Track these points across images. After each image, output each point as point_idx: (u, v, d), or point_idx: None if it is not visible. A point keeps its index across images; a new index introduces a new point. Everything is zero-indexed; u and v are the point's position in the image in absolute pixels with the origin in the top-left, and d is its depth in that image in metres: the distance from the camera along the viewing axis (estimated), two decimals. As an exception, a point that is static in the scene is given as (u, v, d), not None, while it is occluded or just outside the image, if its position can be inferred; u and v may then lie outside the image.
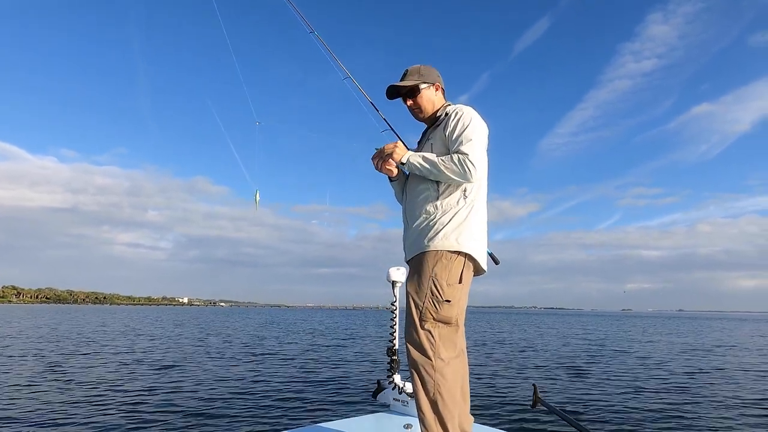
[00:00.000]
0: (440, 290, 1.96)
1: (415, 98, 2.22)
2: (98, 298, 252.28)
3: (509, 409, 6.61)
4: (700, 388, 8.60)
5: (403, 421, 2.62)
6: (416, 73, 2.22)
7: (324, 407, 6.66)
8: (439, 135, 2.12)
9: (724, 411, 6.73)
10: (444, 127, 2.10)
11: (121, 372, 9.63)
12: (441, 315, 1.96)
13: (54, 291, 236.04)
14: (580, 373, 10.24)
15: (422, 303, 1.97)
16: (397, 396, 2.84)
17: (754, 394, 8.17)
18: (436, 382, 1.91)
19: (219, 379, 9.02)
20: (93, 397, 7.04)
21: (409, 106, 2.25)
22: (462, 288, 2.00)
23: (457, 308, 1.99)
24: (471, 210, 2.04)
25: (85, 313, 60.54)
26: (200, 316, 55.95)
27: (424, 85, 2.20)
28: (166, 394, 7.42)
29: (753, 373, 10.91)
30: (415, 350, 1.96)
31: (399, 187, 2.31)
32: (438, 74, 2.27)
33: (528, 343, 19.32)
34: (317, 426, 2.67)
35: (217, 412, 6.32)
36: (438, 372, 1.91)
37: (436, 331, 1.96)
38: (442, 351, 1.94)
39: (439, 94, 2.25)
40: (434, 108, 2.23)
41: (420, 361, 1.94)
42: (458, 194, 2.04)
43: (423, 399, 1.92)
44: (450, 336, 1.98)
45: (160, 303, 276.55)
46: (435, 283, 1.96)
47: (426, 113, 2.23)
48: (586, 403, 7.11)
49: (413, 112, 2.26)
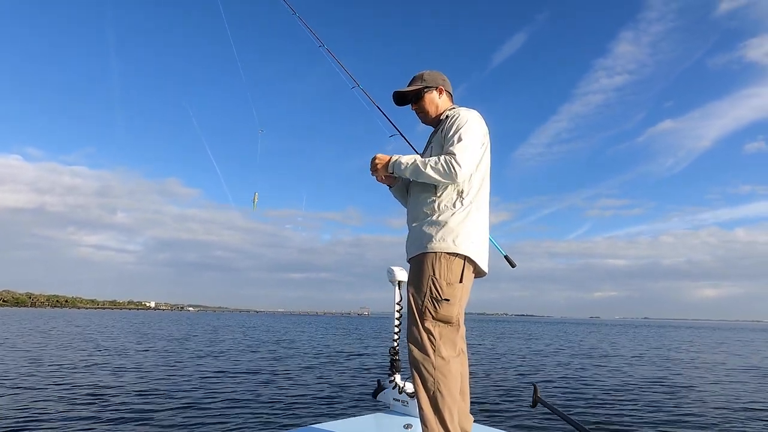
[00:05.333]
0: (440, 289, 1.98)
1: (419, 103, 2.30)
2: (59, 301, 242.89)
3: (509, 409, 6.68)
4: (698, 389, 8.86)
5: (403, 421, 2.63)
6: (420, 78, 2.31)
7: (324, 407, 6.64)
8: (437, 138, 2.18)
9: (724, 411, 6.94)
10: (442, 129, 2.16)
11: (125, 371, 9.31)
12: (441, 314, 1.98)
13: (12, 293, 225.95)
14: (580, 374, 10.42)
15: (422, 302, 2.00)
16: (397, 396, 2.84)
17: (751, 395, 8.44)
18: (437, 381, 1.93)
19: (219, 379, 8.88)
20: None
21: (414, 110, 2.33)
22: (462, 287, 2.03)
23: (457, 307, 2.01)
24: (468, 212, 2.07)
25: (31, 317, 57.68)
26: (150, 322, 54.46)
27: (426, 89, 2.27)
28: (165, 393, 7.28)
29: (747, 377, 11.25)
30: (415, 348, 1.99)
31: (398, 193, 2.37)
32: (443, 78, 2.34)
33: (522, 347, 19.60)
34: (317, 426, 2.65)
35: (217, 412, 6.26)
36: (438, 370, 1.94)
37: (437, 330, 1.98)
38: (442, 350, 1.97)
39: (443, 97, 2.32)
40: (438, 111, 2.29)
41: (420, 360, 1.97)
42: (454, 196, 2.07)
43: (423, 397, 1.95)
44: (450, 335, 2.01)
45: (125, 307, 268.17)
46: (434, 282, 1.99)
47: (430, 117, 2.31)
48: (586, 403, 7.23)
49: (419, 116, 2.34)
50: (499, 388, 8.32)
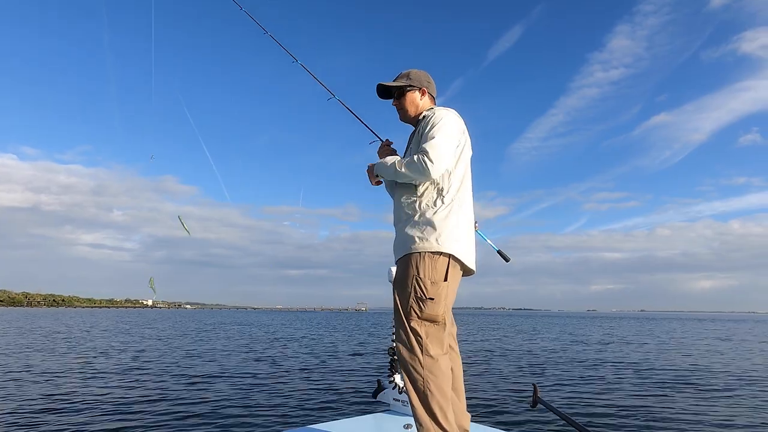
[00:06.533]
0: (424, 288, 1.99)
1: (400, 99, 2.33)
2: (56, 300, 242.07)
3: (509, 409, 6.68)
4: (697, 387, 8.83)
5: (403, 421, 2.63)
6: (405, 76, 2.34)
7: (324, 407, 6.64)
8: (416, 139, 2.20)
9: (725, 411, 6.89)
10: (419, 130, 2.18)
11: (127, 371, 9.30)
12: (426, 313, 1.99)
13: (8, 293, 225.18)
14: (580, 374, 10.43)
15: (407, 302, 2.01)
16: (397, 396, 2.85)
17: (753, 392, 8.41)
18: (425, 380, 1.94)
19: (217, 379, 8.87)
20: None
21: (394, 105, 2.36)
22: (447, 286, 2.03)
23: (442, 306, 2.01)
24: (450, 210, 2.07)
25: (23, 316, 57.38)
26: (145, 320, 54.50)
27: (409, 88, 2.30)
28: (164, 394, 7.26)
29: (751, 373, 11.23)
30: (403, 349, 2.00)
31: (387, 187, 2.40)
32: (429, 81, 2.37)
33: (523, 343, 19.67)
34: (317, 426, 2.65)
35: (217, 412, 6.24)
36: (426, 369, 1.94)
37: (423, 329, 1.99)
38: (430, 348, 1.97)
39: (425, 99, 2.35)
40: (417, 112, 2.32)
41: (408, 359, 1.98)
42: (435, 195, 2.09)
43: (414, 396, 1.96)
44: (437, 334, 2.01)
45: (122, 305, 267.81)
46: (418, 281, 2.00)
47: (408, 115, 2.34)
48: (586, 402, 7.23)
49: (398, 113, 2.37)
50: (499, 388, 8.34)
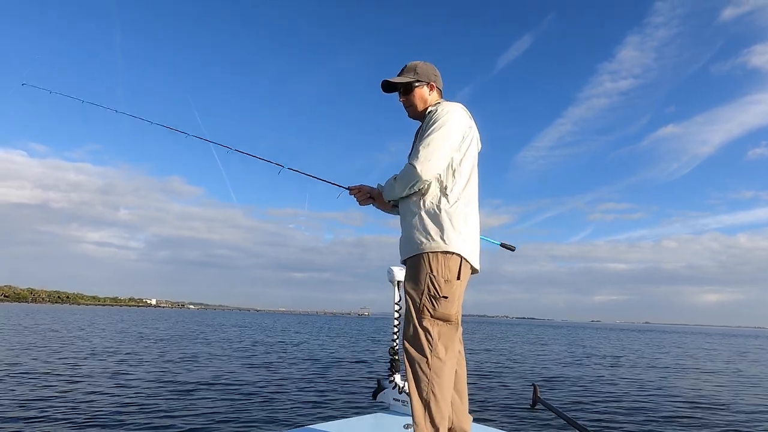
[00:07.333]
0: (438, 287, 1.94)
1: (407, 96, 2.24)
2: (60, 297, 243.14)
3: (509, 409, 6.69)
4: (696, 391, 8.83)
5: (402, 421, 2.63)
6: (412, 70, 2.24)
7: (324, 407, 6.64)
8: (419, 136, 2.15)
9: (725, 413, 6.90)
10: (423, 126, 2.13)
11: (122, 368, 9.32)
12: (439, 312, 1.94)
13: (14, 289, 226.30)
14: (579, 374, 10.39)
15: (420, 300, 1.95)
16: (397, 396, 2.84)
17: (753, 400, 8.40)
18: (430, 381, 1.89)
19: (216, 379, 8.87)
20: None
21: (401, 101, 2.28)
22: (460, 285, 1.99)
23: (456, 305, 1.97)
24: (456, 208, 2.03)
25: (25, 312, 57.45)
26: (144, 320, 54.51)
27: (417, 83, 2.22)
28: (163, 393, 7.27)
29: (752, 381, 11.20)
30: (411, 347, 1.95)
31: (380, 207, 2.37)
32: (436, 74, 2.28)
33: (525, 351, 19.57)
34: (317, 426, 2.65)
35: (215, 413, 6.24)
36: (433, 370, 1.90)
37: (435, 329, 1.94)
38: (439, 350, 1.92)
39: (433, 93, 2.27)
40: (425, 107, 2.23)
41: (416, 358, 1.92)
42: (439, 194, 2.04)
43: (415, 396, 1.91)
44: (449, 334, 1.97)
45: (126, 304, 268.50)
46: (432, 279, 1.95)
47: (416, 111, 2.25)
48: (586, 403, 7.22)
49: (406, 109, 2.29)
50: (499, 388, 8.32)
